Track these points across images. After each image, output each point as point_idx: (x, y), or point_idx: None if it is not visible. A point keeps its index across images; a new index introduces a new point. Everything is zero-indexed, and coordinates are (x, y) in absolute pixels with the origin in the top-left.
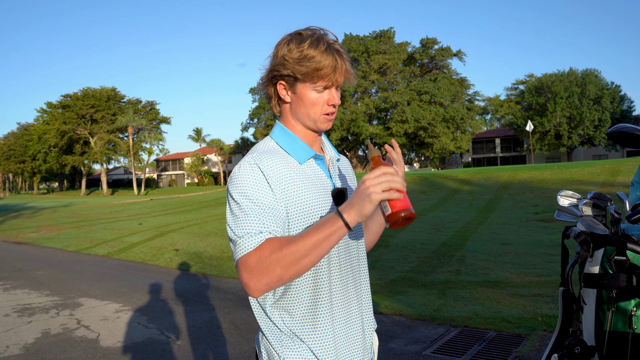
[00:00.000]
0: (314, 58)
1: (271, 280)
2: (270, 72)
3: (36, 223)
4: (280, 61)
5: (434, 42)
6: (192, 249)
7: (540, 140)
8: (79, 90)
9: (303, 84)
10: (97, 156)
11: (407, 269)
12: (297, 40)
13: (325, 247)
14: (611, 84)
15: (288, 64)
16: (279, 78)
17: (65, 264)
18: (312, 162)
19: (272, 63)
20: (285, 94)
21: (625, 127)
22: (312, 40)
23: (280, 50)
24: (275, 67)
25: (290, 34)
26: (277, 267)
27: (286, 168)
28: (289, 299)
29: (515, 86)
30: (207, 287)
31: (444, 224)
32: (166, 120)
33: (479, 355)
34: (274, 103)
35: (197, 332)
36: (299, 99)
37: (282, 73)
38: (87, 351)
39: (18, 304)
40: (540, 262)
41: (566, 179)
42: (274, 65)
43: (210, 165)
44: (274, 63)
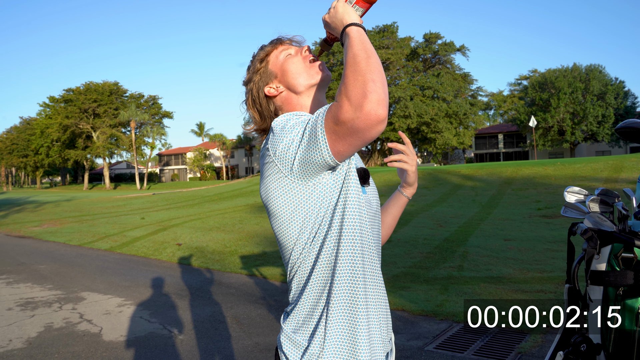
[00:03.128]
0: (265, 47)
1: (365, 86)
2: (253, 94)
3: (39, 217)
4: (251, 76)
5: (437, 37)
6: (194, 244)
7: (544, 136)
8: (82, 85)
9: (274, 59)
10: (100, 150)
11: (410, 265)
12: (253, 57)
13: (367, 45)
14: (615, 79)
15: (257, 66)
16: (260, 87)
17: (67, 258)
18: None
19: (250, 85)
20: (275, 88)
21: (635, 123)
22: (271, 44)
23: (249, 75)
24: (253, 80)
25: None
26: (358, 76)
27: None
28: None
29: (518, 81)
30: (209, 281)
31: (447, 219)
32: (168, 114)
33: (481, 351)
34: (278, 110)
35: (200, 327)
36: (284, 73)
37: (259, 80)
38: (90, 345)
39: (21, 298)
40: (543, 258)
41: (569, 175)
42: (251, 85)
43: (212, 160)
44: (251, 82)
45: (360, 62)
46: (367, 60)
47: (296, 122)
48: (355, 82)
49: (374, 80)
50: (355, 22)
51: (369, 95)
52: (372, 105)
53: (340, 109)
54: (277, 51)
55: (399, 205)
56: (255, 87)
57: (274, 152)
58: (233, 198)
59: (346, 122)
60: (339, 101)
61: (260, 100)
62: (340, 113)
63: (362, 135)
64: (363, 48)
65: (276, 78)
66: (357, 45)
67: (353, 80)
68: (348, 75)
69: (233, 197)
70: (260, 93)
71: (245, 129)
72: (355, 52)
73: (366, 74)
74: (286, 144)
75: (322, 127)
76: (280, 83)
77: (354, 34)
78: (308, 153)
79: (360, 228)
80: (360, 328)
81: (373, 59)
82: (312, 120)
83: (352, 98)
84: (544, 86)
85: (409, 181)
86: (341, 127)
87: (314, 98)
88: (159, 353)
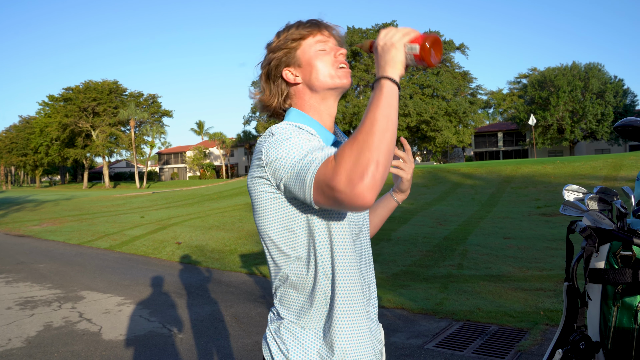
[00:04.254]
0: (294, 24)
1: (367, 166)
2: (269, 70)
3: (38, 216)
4: (272, 52)
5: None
6: (194, 242)
7: (543, 134)
8: (81, 83)
9: (302, 50)
10: (99, 149)
11: (409, 263)
12: (278, 32)
13: (392, 112)
14: (614, 77)
15: (281, 44)
16: (279, 68)
17: (67, 257)
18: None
19: (266, 60)
20: (293, 76)
21: (633, 121)
22: (294, 26)
23: (271, 44)
24: (271, 59)
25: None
26: (366, 150)
27: None
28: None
29: (518, 80)
30: (209, 280)
31: (446, 217)
32: (168, 113)
33: (481, 349)
34: (286, 97)
35: (199, 326)
36: (307, 66)
37: (280, 58)
38: (89, 344)
39: (20, 297)
40: (543, 256)
41: (569, 173)
42: (269, 59)
43: (212, 159)
44: (268, 58)
45: (376, 133)
46: (383, 133)
47: (296, 144)
48: (359, 157)
49: (377, 163)
50: (395, 79)
51: (366, 178)
52: (364, 189)
53: (333, 176)
54: (313, 40)
55: (387, 208)
56: (275, 62)
57: (267, 161)
58: (233, 197)
59: (333, 190)
60: (336, 167)
61: (276, 77)
62: (332, 179)
63: (342, 207)
64: (387, 115)
65: (299, 67)
66: (382, 109)
67: (358, 152)
68: (357, 142)
69: (233, 195)
70: (279, 71)
71: (253, 96)
72: (377, 117)
73: (374, 152)
74: (279, 161)
75: (312, 177)
76: (301, 74)
77: (386, 91)
78: (293, 185)
79: (343, 240)
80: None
81: (389, 134)
82: (306, 161)
83: (349, 173)
84: (544, 84)
85: (403, 188)
86: (327, 190)
87: (326, 103)
88: (158, 352)
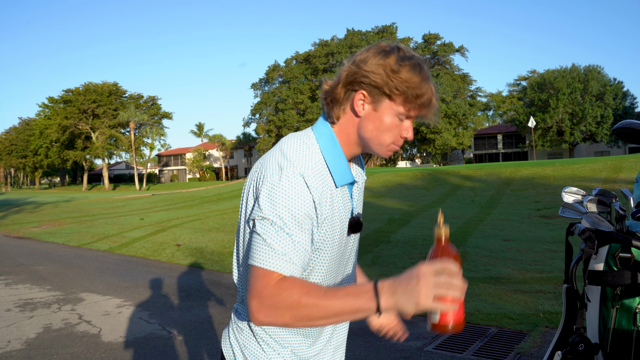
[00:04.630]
0: (416, 81)
1: (276, 322)
2: (353, 75)
3: (38, 218)
4: (374, 69)
5: (437, 38)
6: (193, 245)
7: (542, 136)
8: (81, 85)
9: (391, 103)
10: (99, 151)
11: (409, 265)
12: (398, 55)
13: (346, 319)
14: (614, 80)
15: (385, 76)
16: (362, 86)
17: (66, 259)
18: (345, 187)
19: (360, 68)
20: (362, 107)
21: (632, 123)
22: (415, 63)
23: (374, 59)
24: (364, 74)
25: (382, 45)
26: (288, 314)
27: (326, 190)
28: None
29: (517, 82)
30: (208, 282)
31: (446, 220)
32: (168, 115)
33: (481, 352)
34: (336, 108)
35: (199, 328)
36: (377, 118)
37: (372, 83)
38: (89, 346)
39: (20, 299)
40: (542, 259)
41: (568, 175)
42: (362, 71)
43: (212, 161)
44: (363, 68)
45: (314, 318)
46: (317, 321)
47: (287, 211)
48: (286, 312)
49: (287, 324)
50: (382, 308)
51: (269, 319)
52: (262, 321)
53: (261, 292)
54: (405, 107)
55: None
56: (366, 79)
57: (258, 204)
58: (232, 199)
59: (250, 294)
60: (270, 294)
61: (352, 85)
62: (259, 292)
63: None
64: (338, 315)
65: (374, 109)
66: (342, 308)
67: (289, 310)
68: (300, 305)
69: (232, 197)
70: (360, 86)
71: (327, 82)
72: (331, 310)
73: (295, 322)
74: (266, 211)
75: (257, 263)
76: (367, 113)
77: (364, 304)
78: (254, 237)
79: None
80: None
81: (321, 322)
82: (275, 240)
83: (268, 309)
84: (543, 87)
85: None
86: (250, 287)
87: (358, 145)
88: (158, 354)
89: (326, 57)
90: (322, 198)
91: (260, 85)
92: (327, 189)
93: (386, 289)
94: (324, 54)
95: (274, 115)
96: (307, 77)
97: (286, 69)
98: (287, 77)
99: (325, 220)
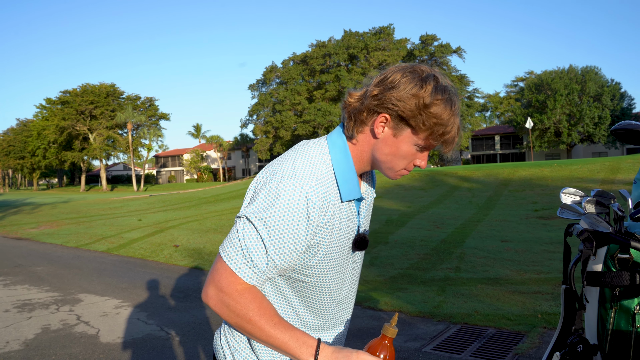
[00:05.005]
0: (445, 118)
1: (219, 314)
2: (381, 99)
3: (36, 219)
4: (405, 98)
5: (434, 39)
6: (191, 245)
7: (540, 137)
8: (78, 87)
9: (412, 134)
10: (97, 152)
11: (407, 266)
12: (433, 87)
13: (279, 352)
14: (611, 81)
15: (415, 109)
16: (387, 111)
17: (64, 260)
18: (352, 203)
19: (390, 92)
20: (382, 129)
21: (630, 124)
22: (448, 98)
23: (407, 86)
24: (394, 101)
25: (418, 71)
26: (234, 319)
27: (330, 206)
28: None
29: (515, 83)
30: None
31: (444, 220)
32: (165, 116)
33: (479, 352)
34: (356, 124)
35: (197, 329)
36: (394, 144)
37: (399, 112)
38: (87, 347)
39: (18, 300)
40: (540, 260)
41: (566, 176)
42: (392, 97)
43: (209, 162)
44: (393, 95)
45: (256, 337)
46: (243, 326)
47: (279, 218)
48: (230, 315)
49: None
50: None
51: (220, 307)
52: (211, 300)
53: (220, 279)
54: (420, 137)
55: None
56: (388, 102)
57: (252, 203)
58: (230, 200)
59: (210, 280)
60: (230, 287)
61: (377, 107)
62: (219, 279)
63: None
64: (266, 338)
65: (393, 134)
66: (273, 339)
67: (233, 315)
68: (242, 311)
69: (230, 198)
70: (384, 108)
71: (353, 94)
72: (263, 333)
73: (232, 318)
74: (257, 213)
75: (223, 256)
76: (385, 136)
77: (296, 348)
78: (230, 233)
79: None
80: None
81: (248, 328)
82: (253, 241)
83: (220, 295)
84: (540, 88)
85: None
86: (212, 272)
87: (369, 163)
88: (156, 355)
89: (323, 58)
90: (323, 220)
91: (258, 87)
92: (332, 206)
93: (326, 353)
94: (321, 55)
95: (271, 117)
96: (305, 78)
97: (283, 70)
98: (285, 78)
99: (322, 241)
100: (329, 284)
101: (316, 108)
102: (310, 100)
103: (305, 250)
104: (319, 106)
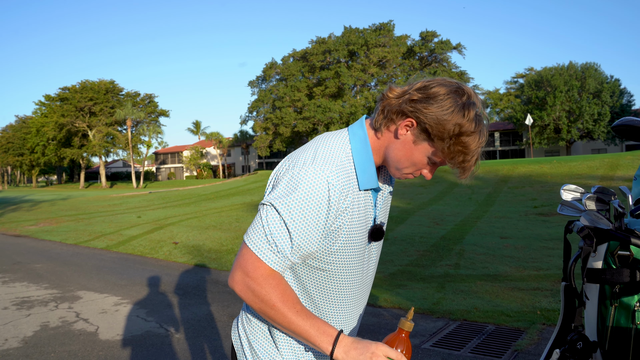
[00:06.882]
0: (471, 149)
1: (244, 298)
2: (417, 108)
3: (35, 216)
4: (441, 119)
5: (434, 35)
6: (191, 242)
7: (540, 134)
8: (78, 83)
9: (430, 146)
10: (96, 149)
11: (407, 263)
12: (472, 117)
13: (300, 339)
14: (611, 77)
15: (446, 133)
16: (417, 119)
17: (64, 257)
18: (369, 193)
19: (428, 105)
20: (405, 132)
21: (631, 120)
22: (480, 130)
23: (446, 104)
24: (429, 117)
25: (460, 92)
26: (258, 305)
27: (350, 192)
28: None
29: (514, 80)
30: (206, 280)
31: (443, 217)
32: (165, 113)
33: (478, 349)
34: (385, 121)
35: (196, 326)
36: (410, 149)
37: (428, 128)
38: (86, 344)
39: (17, 297)
40: (539, 256)
41: (565, 172)
42: (428, 112)
43: (209, 159)
44: (430, 109)
45: (278, 323)
46: (270, 314)
47: (302, 202)
48: (255, 300)
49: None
50: (332, 356)
51: (245, 292)
52: (235, 287)
53: (246, 265)
54: (438, 155)
55: None
56: (422, 113)
57: (275, 190)
58: (230, 196)
59: (237, 264)
60: (256, 276)
61: (406, 110)
62: (244, 265)
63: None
64: (288, 325)
65: (413, 136)
66: (296, 328)
67: (258, 299)
68: (270, 302)
69: (229, 195)
70: (412, 113)
71: (394, 90)
72: (287, 321)
73: (256, 303)
74: (278, 200)
75: (249, 243)
76: (405, 138)
77: (317, 338)
78: (257, 217)
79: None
80: None
81: (271, 314)
82: (275, 225)
83: (247, 281)
84: (540, 84)
85: None
86: (239, 257)
87: (381, 160)
88: (155, 352)
89: (323, 55)
90: (343, 204)
91: (258, 83)
92: (351, 193)
93: (344, 344)
94: (321, 51)
95: (271, 113)
96: (304, 74)
97: (283, 66)
98: (284, 74)
99: (342, 226)
100: (348, 273)
101: (316, 104)
102: (310, 97)
103: (327, 234)
104: (319, 103)
